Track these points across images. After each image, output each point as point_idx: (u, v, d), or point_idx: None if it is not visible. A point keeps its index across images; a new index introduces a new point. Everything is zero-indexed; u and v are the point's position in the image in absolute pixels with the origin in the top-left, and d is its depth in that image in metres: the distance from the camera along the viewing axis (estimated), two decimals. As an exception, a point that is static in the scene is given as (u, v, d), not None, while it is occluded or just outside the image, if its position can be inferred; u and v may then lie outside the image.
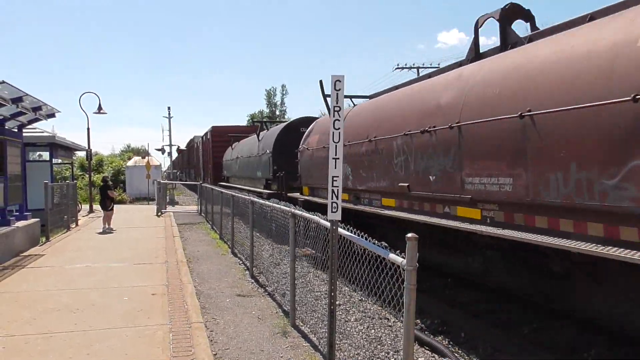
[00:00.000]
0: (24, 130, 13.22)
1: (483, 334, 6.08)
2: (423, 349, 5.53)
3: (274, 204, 7.75)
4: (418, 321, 6.41)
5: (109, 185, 16.47)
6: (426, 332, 6.17)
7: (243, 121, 76.39)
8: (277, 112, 78.41)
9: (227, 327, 6.01)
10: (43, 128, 18.19)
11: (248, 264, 9.17)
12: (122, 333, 5.61)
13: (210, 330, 5.87)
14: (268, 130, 18.94)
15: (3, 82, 8.99)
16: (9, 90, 9.54)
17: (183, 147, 51.58)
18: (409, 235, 3.20)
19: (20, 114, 11.41)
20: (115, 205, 16.88)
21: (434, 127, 6.45)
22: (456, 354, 5.52)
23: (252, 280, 8.43)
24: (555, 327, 5.89)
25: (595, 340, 5.39)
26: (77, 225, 16.99)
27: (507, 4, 6.66)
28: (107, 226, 15.33)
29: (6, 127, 11.52)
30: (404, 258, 3.33)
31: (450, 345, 5.86)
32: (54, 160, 18.90)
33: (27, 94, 10.25)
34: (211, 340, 5.49)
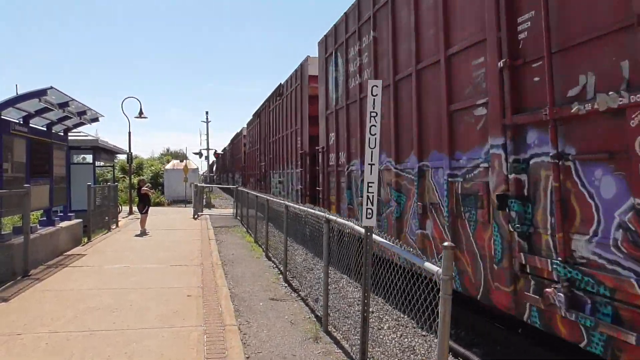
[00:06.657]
0: (69, 134, 13.74)
1: (520, 348, 5.88)
2: (458, 360, 5.41)
3: (308, 209, 7.77)
4: (452, 331, 6.26)
5: (141, 187, 16.87)
6: (461, 343, 6.02)
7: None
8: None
9: (260, 330, 6.04)
10: (87, 132, 18.92)
11: (282, 268, 9.21)
12: (158, 333, 5.73)
13: (244, 333, 5.92)
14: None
15: (51, 87, 9.38)
16: (56, 95, 9.93)
17: (220, 150, 52.44)
18: (446, 244, 3.14)
19: (66, 118, 11.86)
20: (153, 208, 17.26)
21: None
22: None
23: (286, 284, 8.47)
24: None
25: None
26: (117, 226, 17.53)
27: None
28: (142, 229, 15.76)
29: (53, 131, 12.01)
30: (439, 267, 3.27)
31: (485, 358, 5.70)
32: (97, 163, 19.57)
33: (73, 99, 10.66)
34: (244, 343, 5.53)
